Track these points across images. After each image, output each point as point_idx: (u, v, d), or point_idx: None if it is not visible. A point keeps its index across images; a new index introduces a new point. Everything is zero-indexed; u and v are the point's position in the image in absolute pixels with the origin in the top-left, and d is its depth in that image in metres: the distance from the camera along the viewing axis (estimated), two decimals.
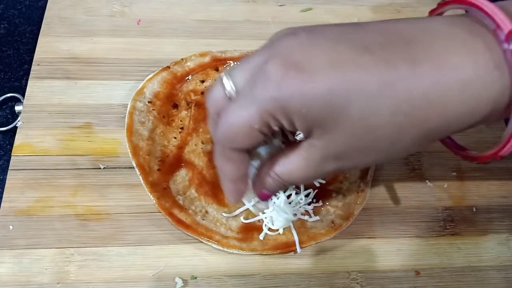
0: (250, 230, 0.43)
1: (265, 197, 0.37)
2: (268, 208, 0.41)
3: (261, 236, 0.42)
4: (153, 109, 0.48)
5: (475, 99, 0.28)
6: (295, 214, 0.42)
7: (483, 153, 0.33)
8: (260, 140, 0.31)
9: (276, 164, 0.33)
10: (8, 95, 0.50)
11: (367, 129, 0.28)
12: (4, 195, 0.43)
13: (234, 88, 0.31)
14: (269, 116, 0.29)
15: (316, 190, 0.45)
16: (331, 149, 0.30)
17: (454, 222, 0.47)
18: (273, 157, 0.34)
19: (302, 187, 0.44)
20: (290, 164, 0.32)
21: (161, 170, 0.44)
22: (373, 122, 0.28)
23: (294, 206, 0.43)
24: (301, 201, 0.43)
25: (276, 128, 0.30)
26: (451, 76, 0.27)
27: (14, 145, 0.46)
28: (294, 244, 0.42)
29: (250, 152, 0.34)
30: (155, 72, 0.49)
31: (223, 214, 0.43)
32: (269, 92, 0.28)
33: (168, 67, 0.50)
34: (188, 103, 0.49)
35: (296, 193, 0.44)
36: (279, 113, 0.28)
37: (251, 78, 0.29)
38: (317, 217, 0.43)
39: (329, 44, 0.28)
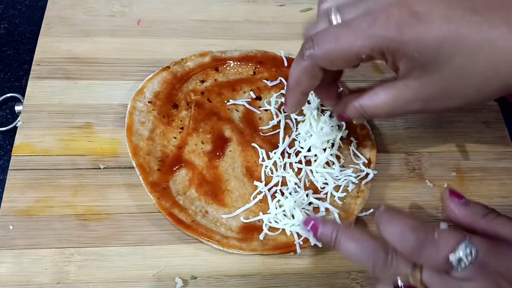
0: (250, 230, 0.43)
1: (342, 119, 0.42)
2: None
3: (261, 236, 0.42)
4: (153, 109, 0.48)
5: None
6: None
7: None
8: (351, 66, 0.35)
9: (363, 97, 0.37)
10: (8, 95, 0.50)
11: (461, 77, 0.32)
12: (4, 195, 0.43)
13: (340, 22, 0.35)
14: (379, 51, 0.33)
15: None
16: (424, 91, 0.34)
17: None
18: (362, 89, 0.38)
19: (302, 187, 0.44)
20: (378, 99, 0.36)
21: (161, 170, 0.44)
22: (468, 72, 0.32)
23: (300, 205, 0.43)
24: (303, 201, 0.43)
25: (374, 60, 0.34)
26: None
27: (14, 145, 0.46)
28: (294, 244, 0.42)
29: None
30: (155, 72, 0.49)
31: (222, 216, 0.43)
32: (390, 31, 0.32)
33: (168, 67, 0.50)
34: (188, 103, 0.49)
35: (296, 192, 0.44)
36: (391, 51, 0.32)
37: (369, 15, 0.32)
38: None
39: (445, 2, 0.32)
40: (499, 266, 0.29)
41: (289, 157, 0.46)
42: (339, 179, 0.45)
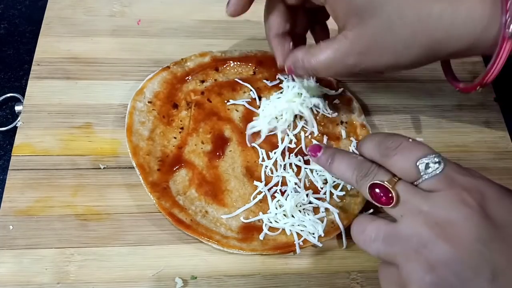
0: (250, 230, 0.43)
1: (290, 72, 0.43)
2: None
3: (261, 236, 0.42)
4: (153, 109, 0.48)
5: (473, 24, 0.34)
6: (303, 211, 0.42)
7: (470, 84, 0.40)
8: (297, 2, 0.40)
9: (310, 53, 0.40)
10: (8, 95, 0.50)
11: (391, 29, 0.35)
12: (4, 195, 0.43)
13: None
14: None
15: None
16: (359, 41, 0.37)
17: None
18: (309, 47, 0.41)
19: (302, 186, 0.44)
20: (321, 54, 0.39)
21: (161, 170, 0.44)
22: (397, 24, 0.35)
23: (300, 207, 0.43)
24: (303, 201, 0.43)
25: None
26: (463, 4, 0.34)
27: (14, 145, 0.46)
28: (294, 244, 0.42)
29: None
30: (155, 72, 0.49)
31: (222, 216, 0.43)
32: None
33: (168, 67, 0.50)
34: (188, 103, 0.49)
35: (296, 191, 0.44)
36: None
37: None
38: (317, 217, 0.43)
39: None
40: (466, 182, 0.31)
41: (289, 157, 0.46)
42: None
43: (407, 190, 0.32)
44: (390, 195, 0.32)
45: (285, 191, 0.44)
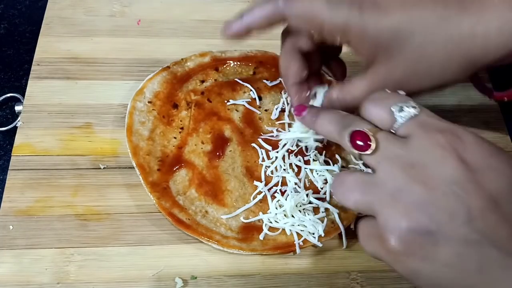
0: (250, 230, 0.43)
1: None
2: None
3: (261, 236, 0.42)
4: (153, 109, 0.48)
5: (508, 33, 0.33)
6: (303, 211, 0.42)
7: (503, 93, 0.40)
8: (311, 38, 0.38)
9: (345, 91, 0.39)
10: (8, 95, 0.50)
11: (424, 56, 0.35)
12: (4, 195, 0.43)
13: None
14: (341, 28, 0.35)
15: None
16: (392, 75, 0.36)
17: None
18: (343, 85, 0.40)
19: (302, 186, 0.44)
20: (355, 90, 0.38)
21: (161, 170, 0.44)
22: (429, 50, 0.34)
23: (300, 207, 0.43)
24: (303, 201, 0.43)
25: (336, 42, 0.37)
26: (492, 15, 0.33)
27: (14, 145, 0.46)
28: (294, 244, 0.42)
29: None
30: (155, 72, 0.49)
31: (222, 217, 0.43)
32: (352, 12, 0.35)
33: (168, 67, 0.50)
34: (188, 103, 0.49)
35: (296, 191, 0.44)
36: (354, 32, 0.35)
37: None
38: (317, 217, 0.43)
39: None
40: (441, 126, 0.31)
41: (289, 157, 0.46)
42: None
43: (385, 138, 0.32)
44: (369, 142, 0.31)
45: (285, 191, 0.44)
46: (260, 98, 0.50)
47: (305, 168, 0.46)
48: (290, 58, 0.41)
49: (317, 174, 0.46)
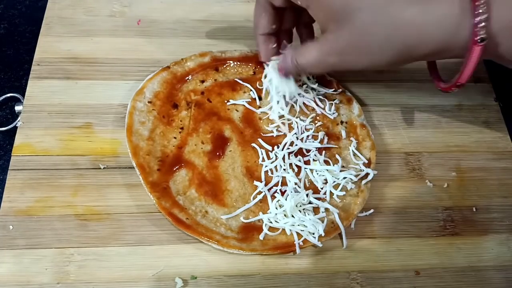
0: (250, 230, 0.43)
1: (281, 71, 0.47)
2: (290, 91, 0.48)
3: (261, 236, 0.42)
4: (153, 109, 0.48)
5: (444, 29, 0.37)
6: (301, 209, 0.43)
7: (447, 84, 0.43)
8: (283, 5, 0.44)
9: (297, 53, 0.44)
10: (8, 95, 0.50)
11: (366, 32, 0.38)
12: (4, 195, 0.43)
13: None
14: None
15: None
16: (337, 43, 0.40)
17: (454, 222, 0.47)
18: (297, 47, 0.45)
19: (302, 186, 0.44)
20: (309, 54, 0.43)
21: (161, 170, 0.44)
22: (371, 29, 0.38)
23: (300, 207, 0.43)
24: (303, 201, 0.43)
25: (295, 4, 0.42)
26: (436, 8, 0.36)
27: (14, 145, 0.46)
28: (293, 244, 0.42)
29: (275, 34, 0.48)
30: (155, 72, 0.49)
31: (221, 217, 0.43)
32: None
33: (168, 67, 0.50)
34: (188, 103, 0.49)
35: (296, 191, 0.44)
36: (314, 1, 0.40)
37: None
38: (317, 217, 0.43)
39: None
40: None
41: (289, 157, 0.46)
42: (338, 177, 0.45)
43: None
44: None
45: (285, 191, 0.44)
46: (260, 98, 0.50)
47: (305, 168, 0.46)
48: (262, 10, 0.45)
49: (317, 174, 0.46)
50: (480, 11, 0.35)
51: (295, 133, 0.48)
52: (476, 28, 0.35)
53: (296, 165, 0.46)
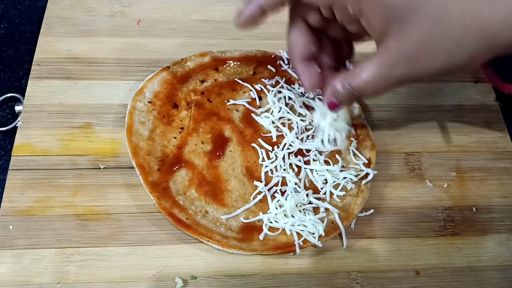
0: (250, 230, 0.43)
1: (333, 106, 0.39)
2: (331, 117, 0.43)
3: (261, 236, 0.42)
4: (153, 109, 0.48)
5: None
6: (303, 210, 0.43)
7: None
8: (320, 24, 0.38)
9: (350, 75, 0.36)
10: (8, 95, 0.50)
11: (439, 27, 0.32)
12: (4, 195, 0.43)
13: None
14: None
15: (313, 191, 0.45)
16: (405, 48, 0.33)
17: (454, 222, 0.47)
18: (348, 71, 0.37)
19: (302, 186, 0.44)
20: (364, 74, 0.35)
21: (161, 170, 0.44)
22: (444, 20, 0.32)
23: (300, 207, 0.43)
24: (303, 201, 0.43)
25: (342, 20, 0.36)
26: None
27: (14, 145, 0.46)
28: (293, 244, 0.42)
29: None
30: (155, 72, 0.49)
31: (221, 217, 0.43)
32: None
33: (168, 67, 0.50)
34: (188, 103, 0.49)
35: (296, 191, 0.44)
36: (366, 3, 0.34)
37: None
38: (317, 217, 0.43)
39: None
40: None
41: (289, 157, 0.46)
42: (338, 177, 0.45)
43: None
44: None
45: (285, 191, 0.44)
46: (260, 98, 0.50)
47: (305, 168, 0.46)
48: (298, 31, 0.39)
49: (317, 174, 0.46)
50: None
51: (295, 133, 0.48)
52: None
53: (296, 165, 0.46)
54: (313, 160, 0.46)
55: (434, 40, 0.32)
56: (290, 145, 0.47)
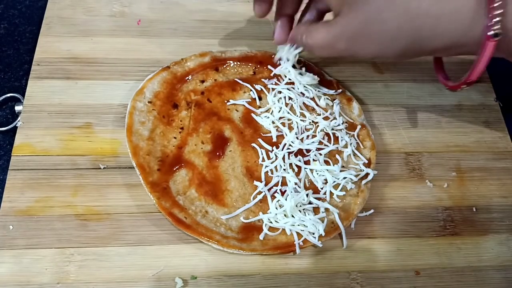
0: (250, 230, 0.43)
1: (291, 41, 0.48)
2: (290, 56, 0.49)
3: (261, 236, 0.42)
4: (153, 109, 0.48)
5: (458, 22, 0.36)
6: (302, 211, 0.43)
7: (457, 83, 0.42)
8: None
9: (308, 31, 0.43)
10: (8, 95, 0.50)
11: (379, 19, 0.38)
12: (4, 195, 0.43)
13: None
14: None
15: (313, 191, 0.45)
16: (348, 28, 0.40)
17: (454, 222, 0.47)
18: (311, 24, 0.45)
19: (302, 186, 0.44)
20: (318, 34, 0.42)
21: (161, 170, 0.44)
22: (385, 16, 0.37)
23: (300, 207, 0.43)
24: (303, 201, 0.43)
25: None
26: (451, 0, 0.36)
27: (14, 145, 0.46)
28: (294, 244, 0.42)
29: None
30: (155, 72, 0.49)
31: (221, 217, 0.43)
32: None
33: (168, 67, 0.50)
34: (188, 103, 0.49)
35: (296, 191, 0.44)
36: None
37: None
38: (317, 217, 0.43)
39: None
40: None
41: (289, 157, 0.46)
42: (338, 177, 0.45)
43: None
44: None
45: (285, 191, 0.44)
46: (260, 98, 0.50)
47: (305, 168, 0.46)
48: None
49: (317, 174, 0.46)
50: (496, 5, 0.35)
51: (295, 133, 0.48)
52: (491, 22, 0.35)
53: (296, 165, 0.46)
54: (313, 160, 0.46)
55: (372, 29, 0.38)
56: (290, 145, 0.47)
